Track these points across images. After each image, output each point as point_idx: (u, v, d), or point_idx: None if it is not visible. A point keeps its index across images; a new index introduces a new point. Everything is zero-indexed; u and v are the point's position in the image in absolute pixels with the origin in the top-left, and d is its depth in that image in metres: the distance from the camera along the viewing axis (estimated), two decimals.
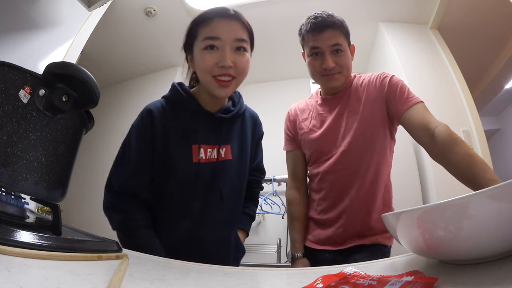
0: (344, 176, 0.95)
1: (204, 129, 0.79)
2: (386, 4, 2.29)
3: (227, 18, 0.73)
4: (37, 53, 1.27)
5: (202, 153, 0.77)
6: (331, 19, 0.95)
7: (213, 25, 0.72)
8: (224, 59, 0.71)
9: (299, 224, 1.03)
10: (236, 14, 0.74)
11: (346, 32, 0.98)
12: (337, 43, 0.94)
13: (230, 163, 0.81)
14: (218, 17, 0.72)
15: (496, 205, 0.30)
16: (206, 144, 0.78)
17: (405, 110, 0.89)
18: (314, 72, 1.00)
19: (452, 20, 2.29)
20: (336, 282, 0.35)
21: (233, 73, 0.73)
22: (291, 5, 2.24)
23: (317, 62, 0.97)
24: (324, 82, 1.00)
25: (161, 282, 0.42)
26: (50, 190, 0.49)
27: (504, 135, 4.06)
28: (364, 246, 0.91)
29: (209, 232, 0.79)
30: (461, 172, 0.71)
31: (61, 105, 0.46)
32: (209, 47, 0.72)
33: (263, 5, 2.32)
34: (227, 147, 0.81)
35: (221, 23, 0.72)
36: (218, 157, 0.79)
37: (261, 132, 0.95)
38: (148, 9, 2.34)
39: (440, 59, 2.18)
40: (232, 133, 0.84)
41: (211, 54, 0.72)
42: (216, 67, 0.72)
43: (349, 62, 0.99)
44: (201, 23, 0.74)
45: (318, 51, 0.96)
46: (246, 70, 0.76)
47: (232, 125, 0.84)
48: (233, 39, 0.73)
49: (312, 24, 0.96)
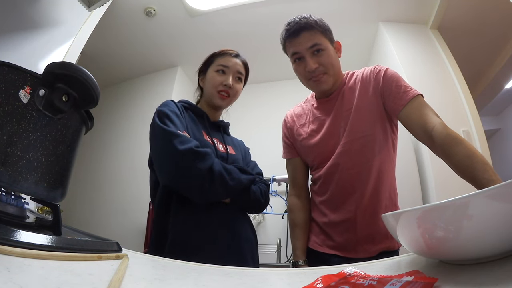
0: (347, 176, 0.92)
1: (208, 125, 1.02)
2: (386, 4, 2.29)
3: (235, 57, 1.04)
4: (37, 53, 1.27)
5: (209, 140, 0.96)
6: (305, 21, 0.92)
7: (226, 58, 1.04)
8: (228, 80, 1.00)
9: (301, 231, 1.00)
10: (241, 57, 1.06)
11: (325, 30, 0.95)
12: (315, 43, 0.92)
13: (235, 157, 1.02)
14: (229, 55, 1.04)
15: (496, 205, 0.30)
16: (213, 137, 0.99)
17: (402, 108, 0.87)
18: (302, 78, 0.98)
19: (452, 20, 2.29)
20: (336, 282, 0.35)
21: (231, 92, 1.01)
22: (291, 5, 2.25)
23: (300, 67, 0.96)
24: (313, 86, 0.98)
25: (161, 282, 0.42)
26: (50, 190, 0.49)
27: (504, 135, 4.06)
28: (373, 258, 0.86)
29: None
30: (462, 173, 0.70)
31: (61, 105, 0.46)
32: (221, 71, 1.02)
33: (263, 5, 2.32)
34: (230, 147, 1.03)
35: (231, 59, 1.04)
36: (227, 151, 1.00)
37: (247, 148, 1.16)
38: (148, 9, 2.34)
39: (440, 59, 2.18)
40: (228, 139, 1.07)
41: (220, 75, 1.02)
42: (221, 85, 1.00)
43: (333, 60, 0.96)
44: (218, 56, 1.05)
45: (299, 56, 0.95)
46: (238, 94, 1.05)
47: (226, 133, 1.09)
48: (236, 70, 1.03)
49: (286, 31, 0.95)
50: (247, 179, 0.91)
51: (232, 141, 1.09)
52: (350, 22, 2.46)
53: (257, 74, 3.13)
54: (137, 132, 2.79)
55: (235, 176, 0.85)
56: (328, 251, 0.93)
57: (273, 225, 2.56)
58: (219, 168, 0.82)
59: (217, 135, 1.03)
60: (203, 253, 0.78)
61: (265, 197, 0.97)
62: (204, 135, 0.96)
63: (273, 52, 2.88)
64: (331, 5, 2.28)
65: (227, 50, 1.05)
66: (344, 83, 1.00)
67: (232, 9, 2.36)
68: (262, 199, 0.95)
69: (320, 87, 0.97)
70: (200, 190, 0.80)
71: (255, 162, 1.10)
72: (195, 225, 0.85)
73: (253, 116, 3.01)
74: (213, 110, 1.05)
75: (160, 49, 2.81)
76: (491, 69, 3.00)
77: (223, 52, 1.05)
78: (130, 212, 2.54)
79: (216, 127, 1.05)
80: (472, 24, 2.39)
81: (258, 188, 0.96)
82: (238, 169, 0.90)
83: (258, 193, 0.95)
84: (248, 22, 2.50)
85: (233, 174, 0.85)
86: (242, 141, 1.16)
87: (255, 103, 3.08)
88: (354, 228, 0.90)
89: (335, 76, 0.98)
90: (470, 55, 2.65)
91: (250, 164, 1.07)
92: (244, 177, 0.89)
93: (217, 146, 0.97)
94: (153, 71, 3.10)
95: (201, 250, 0.81)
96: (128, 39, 2.66)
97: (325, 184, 0.97)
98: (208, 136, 0.97)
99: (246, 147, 1.16)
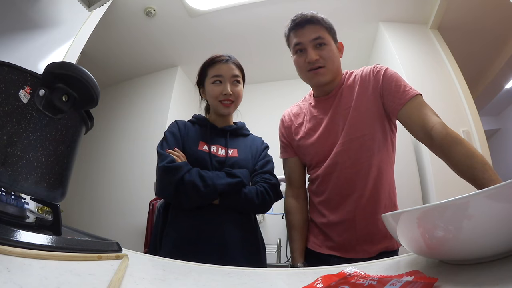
0: (345, 175, 0.92)
1: (210, 134, 1.06)
2: (386, 4, 2.29)
3: (226, 63, 1.04)
4: (37, 53, 1.27)
5: (206, 148, 1.01)
6: (311, 15, 0.95)
7: (218, 67, 1.04)
8: (226, 90, 1.02)
9: (298, 234, 0.99)
10: (231, 58, 1.06)
11: (329, 27, 0.97)
12: (319, 36, 0.94)
13: (236, 159, 1.03)
14: (219, 62, 1.04)
15: (496, 205, 0.30)
16: (213, 144, 1.04)
17: (401, 107, 0.87)
18: (300, 69, 0.98)
19: (452, 20, 2.29)
20: (336, 282, 0.35)
21: (232, 98, 1.04)
22: (292, 5, 2.25)
23: (301, 58, 0.96)
24: (310, 78, 0.98)
25: (161, 282, 0.42)
26: (50, 190, 0.49)
27: (504, 135, 4.06)
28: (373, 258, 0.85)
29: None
30: (461, 173, 0.70)
31: (61, 105, 0.46)
32: (217, 82, 1.04)
33: (263, 5, 2.32)
34: (234, 150, 1.05)
35: (223, 66, 1.04)
36: (227, 155, 1.03)
37: (263, 145, 1.14)
38: (148, 9, 2.34)
39: (440, 59, 2.18)
40: (236, 142, 1.09)
41: (217, 86, 1.04)
42: (221, 95, 1.03)
43: (334, 56, 0.96)
44: (209, 66, 1.06)
45: (301, 47, 0.95)
46: (241, 95, 1.07)
47: (235, 137, 1.10)
48: (231, 76, 1.04)
49: (292, 21, 0.96)
50: (226, 183, 0.92)
51: (244, 142, 1.10)
52: (350, 22, 2.46)
53: (257, 74, 3.14)
54: (137, 132, 2.79)
55: (209, 182, 0.90)
56: (328, 252, 0.92)
57: (273, 225, 2.56)
58: (192, 177, 0.89)
59: (220, 141, 1.05)
60: (193, 253, 0.80)
61: (261, 198, 0.95)
62: (200, 145, 1.02)
63: (273, 52, 2.89)
64: (331, 5, 2.28)
65: (217, 57, 1.06)
66: (342, 82, 1.00)
67: (232, 9, 2.36)
68: (257, 200, 0.94)
69: (317, 79, 0.96)
70: (176, 199, 0.91)
71: (267, 160, 1.08)
72: (187, 227, 0.92)
73: (252, 116, 2.98)
74: (221, 117, 1.09)
75: (160, 49, 2.81)
76: (491, 69, 3.00)
77: (213, 61, 1.06)
78: (130, 212, 2.53)
79: (222, 133, 1.07)
80: (472, 24, 2.39)
81: (255, 188, 0.96)
82: (226, 173, 0.95)
83: (252, 194, 0.94)
84: (248, 22, 2.50)
85: (208, 181, 0.90)
86: (259, 139, 1.16)
87: (255, 102, 3.08)
88: (353, 228, 0.90)
89: (334, 73, 0.98)
90: (470, 55, 2.65)
91: (259, 163, 1.06)
92: (222, 182, 0.91)
93: (215, 152, 1.01)
94: (153, 71, 3.10)
95: (192, 251, 0.87)
96: (128, 39, 2.66)
97: (323, 184, 0.96)
98: (206, 144, 1.02)
99: (261, 145, 1.14)
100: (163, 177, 0.92)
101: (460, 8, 2.22)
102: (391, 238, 0.87)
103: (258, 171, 1.03)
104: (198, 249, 0.88)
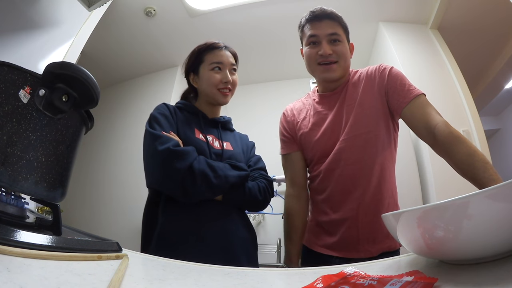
0: (348, 172, 0.91)
1: (203, 122, 1.00)
2: (386, 4, 2.29)
3: (225, 50, 1.01)
4: (37, 53, 1.27)
5: (202, 137, 0.94)
6: (331, 11, 0.97)
7: (217, 54, 1.00)
8: (227, 77, 0.98)
9: (297, 237, 0.99)
10: (228, 47, 1.03)
11: (345, 26, 0.99)
12: (335, 32, 0.95)
13: (232, 152, 0.99)
14: (218, 49, 1.01)
15: (496, 205, 0.30)
16: (208, 134, 0.97)
17: (405, 105, 0.87)
18: (310, 61, 0.98)
19: (452, 20, 2.29)
20: (336, 282, 0.35)
21: (231, 87, 1.00)
22: (292, 5, 2.24)
23: (314, 50, 0.96)
24: (321, 72, 0.97)
25: (161, 282, 0.42)
26: (50, 190, 0.49)
27: (504, 135, 4.06)
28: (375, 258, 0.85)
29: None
30: (462, 171, 0.70)
31: (61, 105, 0.46)
32: (217, 68, 0.99)
33: (263, 5, 2.32)
34: (227, 143, 1.00)
35: (222, 53, 1.00)
36: (222, 147, 0.98)
37: (251, 142, 1.12)
38: (148, 9, 2.34)
39: (440, 59, 2.18)
40: (227, 135, 1.04)
41: (217, 73, 0.98)
42: (221, 83, 0.98)
43: (347, 53, 0.98)
44: (206, 51, 1.01)
45: (316, 40, 0.96)
46: (236, 84, 1.03)
47: (224, 130, 1.05)
48: (230, 64, 1.01)
49: (311, 13, 0.97)
50: (237, 175, 0.86)
51: (234, 137, 1.06)
52: (350, 22, 2.43)
53: (257, 74, 3.14)
54: (137, 132, 2.77)
55: (220, 173, 0.82)
56: (329, 252, 0.92)
57: (273, 225, 2.55)
58: (201, 166, 0.80)
59: (213, 131, 1.00)
60: (189, 252, 0.74)
61: (263, 194, 0.91)
62: (196, 133, 0.93)
63: (273, 52, 2.89)
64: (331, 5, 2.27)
65: (214, 43, 1.01)
66: (348, 80, 1.00)
67: (232, 9, 2.36)
68: (260, 196, 0.90)
69: (328, 74, 0.97)
70: (182, 190, 0.79)
71: (259, 157, 1.05)
72: (181, 224, 0.83)
73: (252, 116, 3.00)
74: (212, 108, 1.03)
75: (160, 49, 2.81)
76: (491, 69, 3.00)
77: (211, 47, 1.01)
78: (130, 212, 2.53)
79: (214, 124, 1.02)
80: (472, 24, 2.39)
81: (257, 184, 0.92)
82: (230, 165, 0.88)
83: (255, 189, 0.90)
84: (248, 22, 2.50)
85: (218, 172, 0.82)
86: (246, 136, 1.13)
87: (254, 103, 3.07)
88: (356, 226, 0.89)
89: (344, 70, 0.99)
90: (470, 55, 2.65)
91: (253, 159, 1.02)
92: (233, 174, 0.85)
93: (211, 143, 0.94)
94: (153, 71, 3.09)
95: (187, 249, 0.78)
96: (128, 39, 2.66)
97: (325, 180, 0.95)
98: (201, 133, 0.95)
99: (250, 141, 1.12)
100: (166, 163, 0.78)
101: (460, 8, 2.22)
102: (393, 237, 0.86)
103: (253, 167, 0.99)
104: (201, 249, 0.80)
